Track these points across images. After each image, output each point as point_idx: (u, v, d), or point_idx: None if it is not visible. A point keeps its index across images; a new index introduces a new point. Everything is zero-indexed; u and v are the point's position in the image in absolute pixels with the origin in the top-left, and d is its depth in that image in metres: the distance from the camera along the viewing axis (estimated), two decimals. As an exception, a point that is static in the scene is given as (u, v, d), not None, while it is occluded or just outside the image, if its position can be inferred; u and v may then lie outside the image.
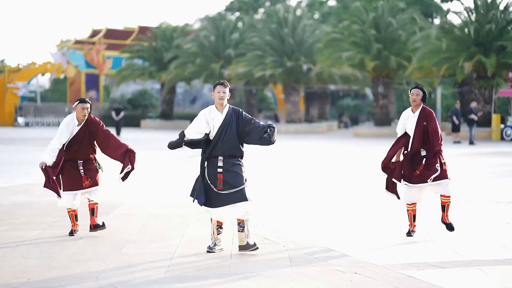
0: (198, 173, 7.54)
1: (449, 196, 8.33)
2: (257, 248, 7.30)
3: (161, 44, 50.09)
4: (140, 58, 52.10)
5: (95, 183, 8.39)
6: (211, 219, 7.45)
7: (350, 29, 39.01)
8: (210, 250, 7.36)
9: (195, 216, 9.88)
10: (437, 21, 51.25)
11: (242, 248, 7.33)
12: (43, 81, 64.60)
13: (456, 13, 36.60)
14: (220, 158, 7.26)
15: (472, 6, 35.27)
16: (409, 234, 8.35)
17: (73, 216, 8.42)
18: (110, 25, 65.90)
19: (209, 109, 7.39)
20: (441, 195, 8.35)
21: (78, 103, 8.26)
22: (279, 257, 7.16)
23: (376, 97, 39.80)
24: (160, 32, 51.17)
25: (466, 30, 34.97)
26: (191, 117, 52.56)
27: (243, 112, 7.39)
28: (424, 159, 8.22)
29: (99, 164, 8.50)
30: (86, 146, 8.35)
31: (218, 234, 7.41)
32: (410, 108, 8.38)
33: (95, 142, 8.42)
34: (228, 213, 7.27)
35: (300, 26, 43.72)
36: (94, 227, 8.40)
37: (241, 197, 7.19)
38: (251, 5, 63.69)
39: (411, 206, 8.37)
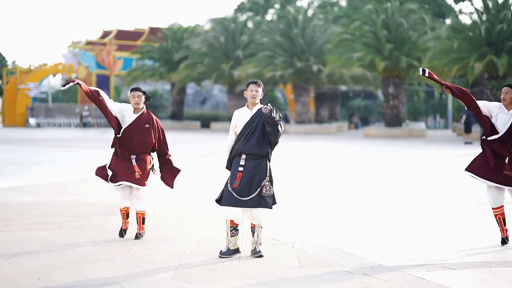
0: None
1: None
2: (260, 256, 7.14)
3: (171, 45, 50.16)
4: (150, 59, 52.22)
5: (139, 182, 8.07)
6: (226, 220, 7.29)
7: (361, 29, 38.92)
8: (221, 255, 7.17)
9: (204, 216, 9.87)
10: (448, 21, 51.06)
11: (251, 252, 7.25)
12: (54, 82, 64.87)
13: (467, 13, 36.49)
14: (243, 156, 7.12)
15: (483, 6, 35.09)
16: (503, 242, 7.78)
17: (124, 214, 8.26)
18: (121, 26, 66.05)
19: (241, 109, 7.36)
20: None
21: (130, 91, 8.07)
22: (288, 258, 7.13)
23: (386, 98, 39.70)
24: (171, 33, 51.25)
25: (477, 30, 34.79)
26: (201, 118, 52.76)
27: None
28: (507, 158, 7.70)
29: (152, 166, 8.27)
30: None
31: (231, 236, 7.21)
32: (500, 103, 7.82)
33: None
34: (244, 216, 7.18)
35: (310, 26, 43.65)
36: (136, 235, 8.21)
37: (255, 203, 7.06)
38: (261, 5, 63.68)
39: (499, 209, 7.82)
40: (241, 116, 7.24)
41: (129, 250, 7.50)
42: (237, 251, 7.26)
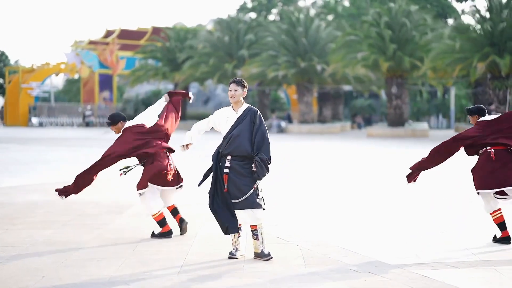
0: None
1: None
2: (271, 258, 7.01)
3: (174, 45, 50.16)
4: (153, 59, 52.21)
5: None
6: None
7: (365, 30, 38.85)
8: (231, 256, 7.10)
9: (208, 215, 9.88)
10: (451, 21, 51.02)
11: (257, 255, 7.06)
12: (57, 81, 64.95)
13: (470, 13, 36.44)
14: (228, 157, 7.02)
15: (486, 6, 35.04)
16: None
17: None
18: (124, 26, 66.14)
19: (225, 108, 7.27)
20: None
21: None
22: (293, 257, 7.15)
23: (389, 98, 39.68)
24: (174, 33, 51.26)
25: (480, 30, 34.74)
26: (204, 118, 52.50)
27: (258, 113, 7.08)
28: None
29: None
30: None
31: (239, 237, 7.13)
32: None
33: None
34: (239, 218, 7.00)
35: (314, 26, 43.62)
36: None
37: (249, 204, 6.90)
38: (264, 5, 63.66)
39: None
40: (227, 118, 7.12)
41: (134, 249, 7.52)
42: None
